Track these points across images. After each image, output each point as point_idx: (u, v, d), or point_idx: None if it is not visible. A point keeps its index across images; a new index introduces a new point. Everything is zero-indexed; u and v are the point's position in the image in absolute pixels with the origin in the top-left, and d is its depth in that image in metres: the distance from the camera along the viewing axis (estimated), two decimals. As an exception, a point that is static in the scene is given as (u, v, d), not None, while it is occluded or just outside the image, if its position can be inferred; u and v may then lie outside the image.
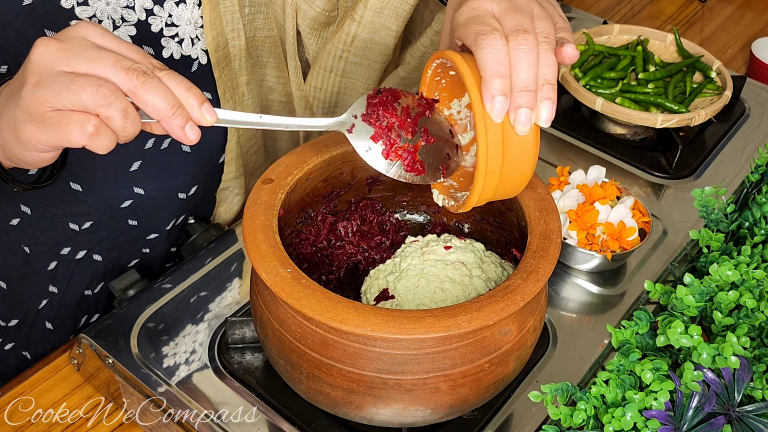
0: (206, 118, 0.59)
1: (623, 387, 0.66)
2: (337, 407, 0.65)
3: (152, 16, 0.78)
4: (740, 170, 1.03)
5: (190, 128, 0.59)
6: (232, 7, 0.83)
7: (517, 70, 0.60)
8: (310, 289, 0.59)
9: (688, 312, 0.72)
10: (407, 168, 0.67)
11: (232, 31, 0.85)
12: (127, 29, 0.77)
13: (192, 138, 0.59)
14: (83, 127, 0.56)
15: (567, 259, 0.87)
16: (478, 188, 0.63)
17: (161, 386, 0.74)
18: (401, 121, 0.67)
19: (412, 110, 0.68)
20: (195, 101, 0.58)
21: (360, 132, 0.67)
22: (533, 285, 0.61)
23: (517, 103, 0.60)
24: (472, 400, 0.65)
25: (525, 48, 0.60)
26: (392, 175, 0.67)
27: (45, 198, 0.81)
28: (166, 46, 0.81)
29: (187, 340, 0.78)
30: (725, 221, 0.86)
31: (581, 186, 0.87)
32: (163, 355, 0.77)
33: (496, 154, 0.61)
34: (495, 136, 0.61)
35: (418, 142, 0.67)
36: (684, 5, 1.51)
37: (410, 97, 0.68)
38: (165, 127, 0.58)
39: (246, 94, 0.93)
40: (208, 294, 0.83)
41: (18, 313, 0.87)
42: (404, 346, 0.60)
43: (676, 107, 1.05)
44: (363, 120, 0.67)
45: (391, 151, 0.67)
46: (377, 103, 0.67)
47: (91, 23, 0.58)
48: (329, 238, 0.79)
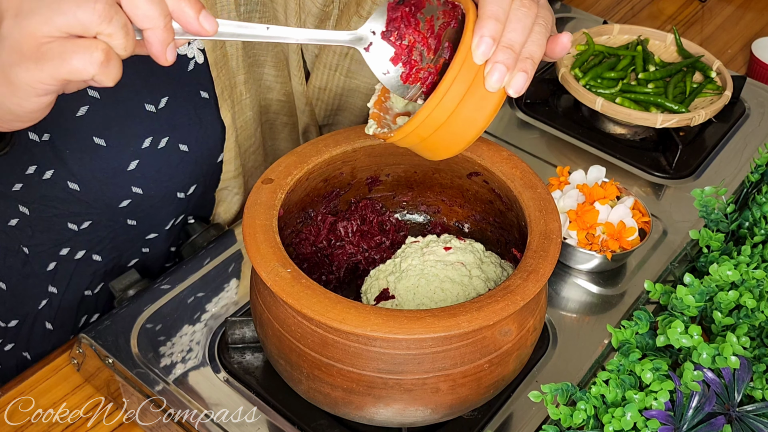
0: (205, 27, 0.53)
1: (623, 387, 0.66)
2: (337, 407, 0.65)
3: None
4: (740, 170, 1.03)
5: (171, 49, 0.53)
6: (228, 6, 0.83)
7: (510, 27, 0.59)
8: (310, 289, 0.59)
9: (688, 312, 0.72)
10: (426, 90, 0.61)
11: None
12: None
13: (170, 59, 0.53)
14: (91, 54, 0.49)
15: (567, 259, 0.87)
16: (420, 117, 0.57)
17: (161, 386, 0.74)
18: (424, 37, 0.60)
19: (437, 21, 0.61)
20: (191, 9, 0.52)
21: (378, 52, 0.60)
22: (533, 285, 0.61)
23: (497, 57, 0.59)
24: (472, 400, 0.65)
25: (525, 12, 0.59)
26: (409, 98, 0.61)
27: (43, 198, 0.81)
28: None
29: (187, 340, 0.78)
30: (725, 221, 0.86)
31: (581, 186, 0.87)
32: (163, 354, 0.77)
33: (455, 94, 0.57)
34: (465, 75, 0.57)
35: (441, 60, 0.61)
36: (684, 5, 1.51)
37: (437, 1, 0.61)
38: (150, 39, 0.52)
39: (244, 93, 0.93)
40: (208, 294, 0.83)
41: (18, 314, 0.87)
42: (404, 346, 0.60)
43: (676, 107, 1.05)
44: (382, 38, 0.60)
45: (411, 74, 0.61)
46: (399, 17, 0.60)
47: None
48: (329, 238, 0.79)
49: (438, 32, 0.61)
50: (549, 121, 1.09)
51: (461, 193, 0.79)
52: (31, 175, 0.79)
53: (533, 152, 1.04)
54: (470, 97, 0.58)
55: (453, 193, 0.80)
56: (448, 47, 0.61)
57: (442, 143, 0.61)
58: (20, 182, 0.79)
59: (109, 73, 0.50)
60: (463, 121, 0.59)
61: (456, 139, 0.60)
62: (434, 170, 0.78)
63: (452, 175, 0.77)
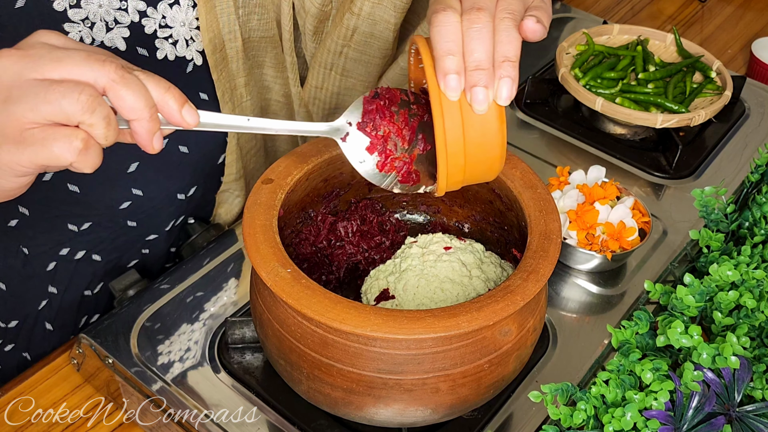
0: (187, 120, 0.55)
1: (623, 387, 0.66)
2: (337, 407, 0.65)
3: (145, 17, 0.78)
4: (740, 170, 1.03)
5: (158, 138, 0.55)
6: (228, 9, 0.83)
7: (470, 48, 0.58)
8: (310, 289, 0.59)
9: (688, 312, 0.72)
10: (402, 179, 0.64)
11: (229, 33, 0.85)
12: (120, 31, 0.77)
13: (156, 147, 0.55)
14: (71, 142, 0.51)
15: (567, 259, 0.87)
16: (443, 170, 0.60)
17: (161, 386, 0.74)
18: (399, 129, 0.64)
19: (411, 115, 0.64)
20: (175, 103, 0.54)
21: (354, 142, 0.63)
22: (533, 285, 0.61)
23: (470, 82, 0.58)
24: (472, 400, 0.65)
25: (479, 27, 0.58)
26: (385, 186, 0.64)
27: (44, 199, 0.81)
28: (160, 47, 0.81)
29: (187, 340, 0.78)
30: (725, 221, 0.86)
31: (581, 186, 0.87)
32: (163, 354, 0.77)
33: (456, 135, 0.59)
34: (452, 116, 0.58)
35: (415, 151, 0.64)
36: (684, 5, 1.51)
37: (410, 97, 0.66)
38: (136, 129, 0.54)
39: (245, 96, 0.92)
40: (208, 294, 0.83)
41: (18, 314, 0.87)
42: (404, 346, 0.59)
43: (676, 107, 1.05)
44: (358, 128, 0.63)
45: (387, 163, 0.64)
46: (374, 110, 0.63)
47: (48, 31, 0.54)
48: (329, 238, 0.79)
49: (412, 124, 0.64)
50: (549, 121, 1.09)
51: (461, 193, 0.79)
52: None
53: (533, 152, 1.04)
54: (471, 129, 0.60)
55: (453, 193, 0.80)
56: (422, 138, 0.64)
57: (480, 172, 0.63)
58: None
59: (87, 160, 0.52)
60: (481, 148, 0.61)
61: (488, 162, 0.62)
62: (434, 170, 0.78)
63: (452, 175, 0.77)
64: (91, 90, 0.51)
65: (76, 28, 0.73)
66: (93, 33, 0.75)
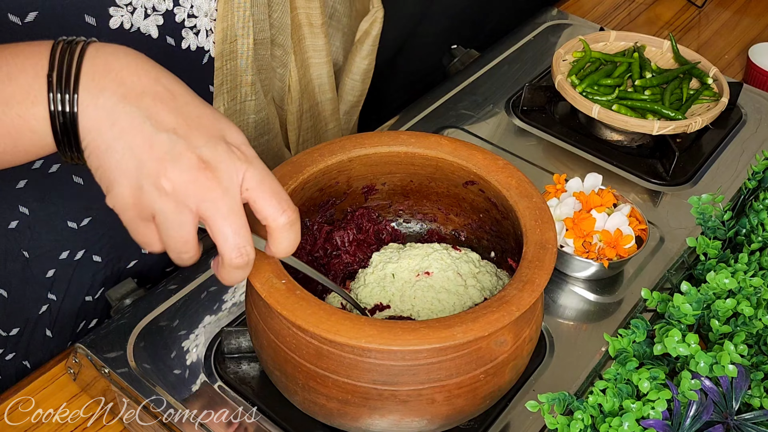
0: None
1: (620, 396, 0.66)
2: (332, 418, 0.65)
3: (178, 6, 0.79)
4: (737, 177, 1.03)
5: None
6: (244, 4, 0.84)
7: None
8: (305, 300, 0.59)
9: (686, 320, 0.72)
10: None
11: (242, 28, 0.86)
12: (155, 18, 0.78)
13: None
14: (180, 254, 0.54)
15: (564, 267, 0.86)
16: None
17: (157, 396, 0.74)
18: None
19: None
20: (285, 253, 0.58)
21: None
22: (529, 295, 0.60)
23: None
24: (468, 411, 0.65)
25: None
26: None
27: (44, 195, 0.81)
28: (186, 37, 0.82)
29: (183, 350, 0.78)
30: (722, 228, 0.86)
31: (578, 194, 0.87)
32: (159, 364, 0.76)
33: None
34: None
35: None
36: (681, 11, 1.51)
37: None
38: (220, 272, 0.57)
39: (249, 95, 0.93)
40: (205, 303, 0.83)
41: (18, 321, 0.87)
42: (399, 357, 0.59)
43: (673, 114, 1.04)
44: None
45: None
46: None
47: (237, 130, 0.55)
48: (325, 248, 0.79)
49: None
50: (545, 128, 1.09)
51: (457, 202, 0.79)
52: (37, 170, 0.79)
53: (530, 159, 1.04)
54: None
55: (449, 202, 0.80)
56: None
57: None
58: (25, 178, 0.79)
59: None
60: None
61: None
62: (430, 179, 0.77)
63: (448, 184, 0.77)
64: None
65: (119, 13, 0.74)
66: (133, 19, 0.76)
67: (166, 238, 0.53)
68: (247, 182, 0.53)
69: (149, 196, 0.51)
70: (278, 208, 0.55)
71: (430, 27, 1.37)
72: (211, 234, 0.53)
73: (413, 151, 0.74)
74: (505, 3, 1.51)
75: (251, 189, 0.54)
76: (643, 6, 1.52)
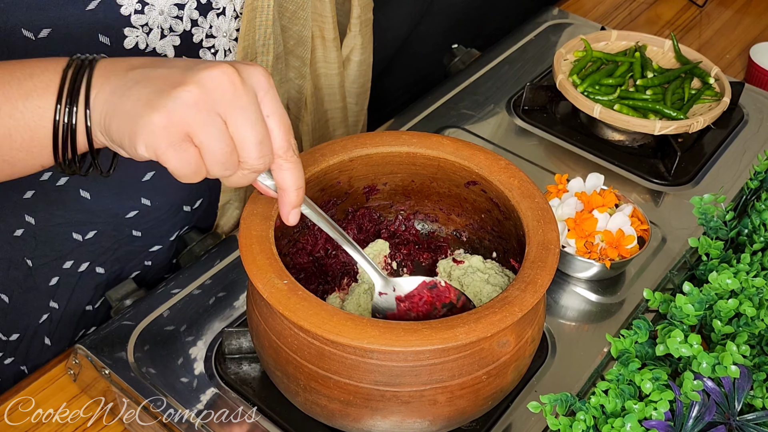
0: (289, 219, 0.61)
1: (623, 397, 0.65)
2: (334, 419, 0.64)
3: (196, 26, 0.79)
4: (739, 177, 1.02)
5: (295, 213, 0.60)
6: (266, 22, 0.84)
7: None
8: (307, 300, 0.59)
9: (688, 321, 0.72)
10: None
11: (262, 45, 0.86)
12: (172, 39, 0.78)
13: (292, 221, 0.60)
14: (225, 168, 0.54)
15: (566, 268, 0.86)
16: None
17: (157, 396, 0.73)
18: (423, 312, 0.70)
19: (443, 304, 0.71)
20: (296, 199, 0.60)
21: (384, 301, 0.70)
22: (531, 296, 0.60)
23: None
24: (471, 412, 0.64)
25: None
26: None
27: (50, 206, 0.81)
28: (203, 57, 0.82)
29: (184, 350, 0.78)
30: (724, 228, 0.85)
31: (580, 194, 0.87)
32: (160, 365, 0.76)
33: None
34: None
35: None
36: (682, 10, 1.51)
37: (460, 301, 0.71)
38: (284, 199, 0.59)
39: None
40: (205, 303, 0.82)
41: (19, 327, 0.87)
42: (401, 358, 0.59)
43: (675, 114, 1.04)
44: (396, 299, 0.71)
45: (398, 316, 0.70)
46: (419, 297, 0.70)
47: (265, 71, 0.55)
48: (326, 248, 0.79)
49: (438, 310, 0.71)
50: (547, 128, 1.09)
51: (459, 202, 0.79)
52: (45, 182, 0.79)
53: (531, 159, 1.04)
54: None
55: (451, 202, 0.79)
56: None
57: None
58: (33, 189, 0.79)
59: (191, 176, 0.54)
60: None
61: None
62: (432, 179, 0.77)
63: (450, 184, 0.77)
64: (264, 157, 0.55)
65: (134, 33, 0.74)
66: (148, 39, 0.76)
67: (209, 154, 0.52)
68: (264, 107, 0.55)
69: (176, 111, 0.51)
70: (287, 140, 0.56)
71: (431, 26, 1.36)
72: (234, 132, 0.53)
73: (415, 151, 0.74)
74: (506, 2, 1.51)
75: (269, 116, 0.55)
76: (644, 5, 1.51)
